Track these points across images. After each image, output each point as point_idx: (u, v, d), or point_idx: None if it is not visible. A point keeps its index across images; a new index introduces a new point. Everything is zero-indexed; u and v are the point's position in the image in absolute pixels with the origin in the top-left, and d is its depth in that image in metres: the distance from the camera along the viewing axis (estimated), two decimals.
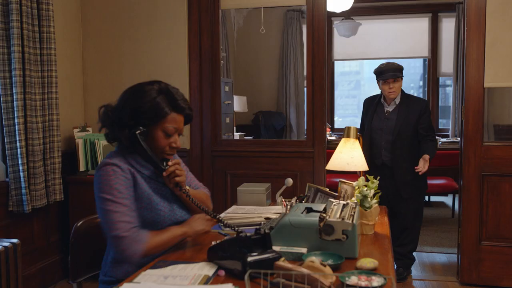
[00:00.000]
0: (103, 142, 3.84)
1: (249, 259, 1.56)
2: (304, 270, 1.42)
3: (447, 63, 7.57)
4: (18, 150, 3.27)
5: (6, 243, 2.82)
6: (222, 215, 2.39)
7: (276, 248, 1.76)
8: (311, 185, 2.49)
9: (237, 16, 7.30)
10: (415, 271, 4.04)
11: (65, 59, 4.01)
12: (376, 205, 2.10)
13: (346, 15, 6.99)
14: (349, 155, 2.24)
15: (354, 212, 1.87)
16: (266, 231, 1.65)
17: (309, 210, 1.94)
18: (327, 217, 1.79)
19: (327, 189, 2.36)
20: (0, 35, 3.20)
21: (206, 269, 1.63)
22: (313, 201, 2.36)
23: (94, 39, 4.24)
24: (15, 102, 3.24)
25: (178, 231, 1.85)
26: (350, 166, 2.22)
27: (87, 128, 4.08)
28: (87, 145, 3.82)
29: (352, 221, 1.76)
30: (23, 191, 3.31)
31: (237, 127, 6.45)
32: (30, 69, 3.33)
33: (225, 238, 1.70)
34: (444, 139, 6.39)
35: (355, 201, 2.09)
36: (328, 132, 6.99)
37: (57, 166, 3.60)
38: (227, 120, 5.16)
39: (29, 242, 3.55)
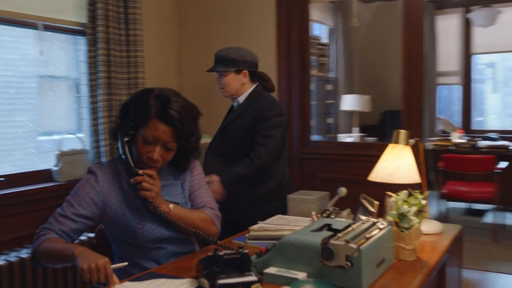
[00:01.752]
0: None
1: (219, 281, 1.39)
2: None
3: None
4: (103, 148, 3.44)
5: None
6: (257, 225, 2.21)
7: (273, 269, 1.56)
8: (365, 196, 2.18)
9: (365, 11, 7.01)
10: None
11: (157, 60, 4.08)
12: (418, 225, 1.75)
13: (484, 2, 6.22)
14: (394, 164, 1.89)
15: (374, 235, 1.58)
16: (245, 251, 1.45)
17: (329, 227, 1.68)
18: (333, 239, 1.53)
19: (376, 202, 2.04)
20: (87, 39, 3.37)
21: (184, 287, 1.49)
22: (354, 217, 2.06)
23: (190, 39, 4.29)
24: (99, 103, 3.40)
25: (69, 249, 1.52)
26: (393, 177, 1.88)
27: None
28: None
29: (359, 246, 1.47)
30: None
31: (362, 128, 6.18)
32: (116, 71, 3.46)
33: (209, 254, 1.53)
34: None
35: (391, 219, 1.76)
36: (457, 134, 6.29)
37: None
38: (329, 120, 4.90)
39: None
